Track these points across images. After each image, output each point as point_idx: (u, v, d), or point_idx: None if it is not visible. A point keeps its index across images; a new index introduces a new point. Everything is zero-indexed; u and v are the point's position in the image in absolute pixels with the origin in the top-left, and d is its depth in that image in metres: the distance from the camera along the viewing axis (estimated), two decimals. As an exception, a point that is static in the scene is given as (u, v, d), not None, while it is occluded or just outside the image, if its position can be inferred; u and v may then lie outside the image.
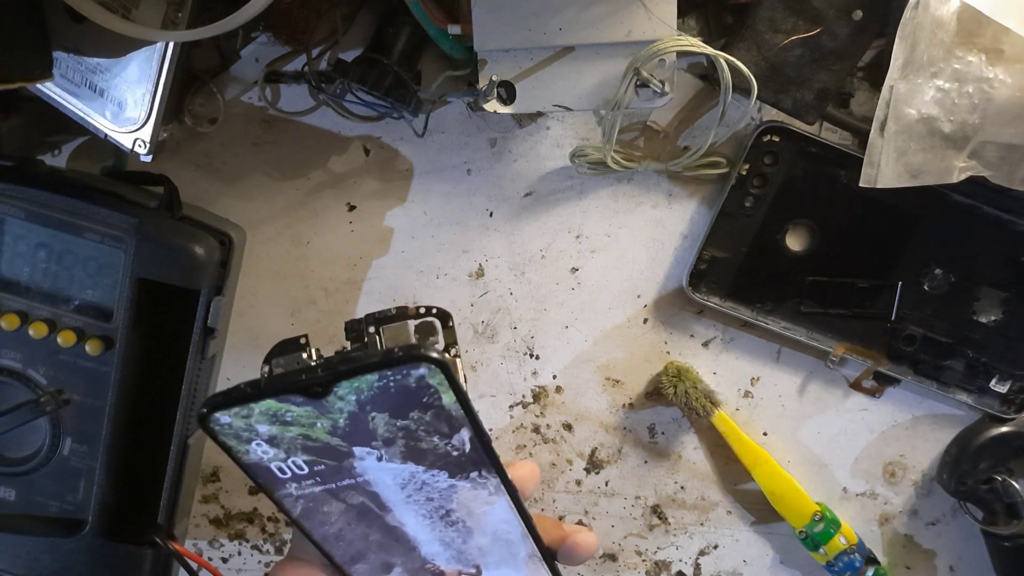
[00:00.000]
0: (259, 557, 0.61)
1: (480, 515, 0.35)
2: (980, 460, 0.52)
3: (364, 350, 0.40)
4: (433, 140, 0.54)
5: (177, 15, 0.45)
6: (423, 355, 0.28)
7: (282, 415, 0.30)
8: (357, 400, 0.29)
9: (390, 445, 0.31)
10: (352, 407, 0.29)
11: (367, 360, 0.28)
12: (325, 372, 0.28)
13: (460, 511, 0.34)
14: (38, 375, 0.49)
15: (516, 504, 0.34)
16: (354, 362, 0.28)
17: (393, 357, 0.28)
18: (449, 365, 0.29)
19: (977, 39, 0.45)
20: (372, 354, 0.28)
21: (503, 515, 0.34)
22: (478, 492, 0.33)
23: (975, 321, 0.52)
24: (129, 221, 0.47)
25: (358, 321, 0.40)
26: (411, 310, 0.40)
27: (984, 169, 0.46)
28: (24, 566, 0.50)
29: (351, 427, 0.30)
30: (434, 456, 0.32)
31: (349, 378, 0.28)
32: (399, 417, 0.30)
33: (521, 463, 0.39)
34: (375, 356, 0.28)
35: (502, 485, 0.33)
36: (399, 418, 0.30)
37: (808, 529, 0.54)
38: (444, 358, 0.28)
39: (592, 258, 0.55)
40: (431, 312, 0.40)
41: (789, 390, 0.56)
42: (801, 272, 0.53)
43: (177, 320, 0.49)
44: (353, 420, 0.30)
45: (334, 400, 0.29)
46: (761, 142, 0.51)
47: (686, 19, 0.50)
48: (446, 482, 0.33)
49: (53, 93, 0.47)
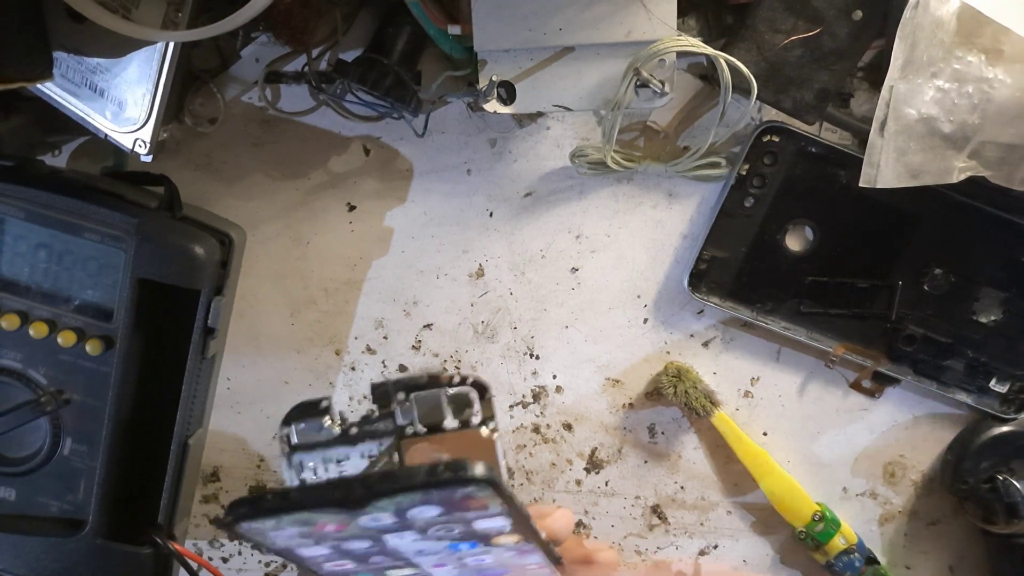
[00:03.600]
0: (259, 557, 0.61)
1: (512, 564, 0.34)
2: (981, 460, 0.52)
3: (401, 468, 0.36)
4: (433, 140, 0.54)
5: (177, 15, 0.45)
6: (472, 477, 0.26)
7: (313, 519, 0.28)
8: (396, 509, 0.28)
9: (427, 531, 0.30)
10: (390, 513, 0.28)
11: (410, 481, 0.26)
12: (363, 490, 0.26)
13: (495, 567, 0.34)
14: (38, 375, 0.49)
15: (550, 557, 0.34)
16: (395, 481, 0.26)
17: (440, 479, 0.26)
18: (501, 483, 0.27)
19: (977, 39, 0.45)
20: (415, 473, 0.26)
21: (535, 565, 0.34)
22: (513, 554, 0.33)
23: (975, 321, 0.52)
24: (129, 221, 0.47)
25: (385, 384, 0.37)
26: (444, 378, 0.37)
27: (984, 169, 0.46)
28: (24, 566, 0.50)
29: (388, 525, 0.29)
30: (475, 536, 0.31)
31: (390, 497, 0.27)
32: (441, 518, 0.29)
33: (557, 514, 0.39)
34: (418, 476, 0.26)
35: (539, 548, 0.33)
36: (441, 519, 0.29)
37: (808, 529, 0.54)
38: (495, 477, 0.27)
39: (592, 258, 0.55)
40: (466, 382, 0.37)
41: (789, 390, 0.56)
42: (801, 272, 0.53)
43: (177, 320, 0.49)
44: (390, 520, 0.29)
45: (371, 508, 0.27)
46: (761, 142, 0.51)
47: (686, 19, 0.50)
48: (483, 548, 0.32)
49: (53, 93, 0.47)
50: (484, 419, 0.37)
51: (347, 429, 0.37)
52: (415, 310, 0.56)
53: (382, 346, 0.57)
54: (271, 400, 0.58)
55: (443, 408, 0.37)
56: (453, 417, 0.37)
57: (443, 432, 0.37)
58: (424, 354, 0.57)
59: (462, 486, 0.26)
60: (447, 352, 0.57)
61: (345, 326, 0.57)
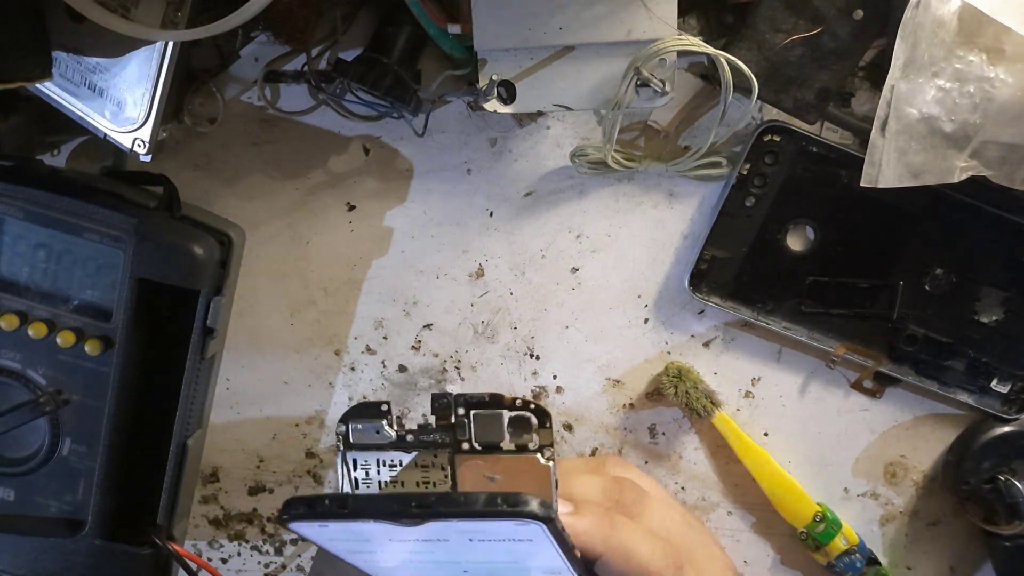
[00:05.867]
0: (259, 558, 0.61)
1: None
2: (983, 460, 0.52)
3: (458, 492, 0.37)
4: (433, 140, 0.54)
5: (176, 15, 0.45)
6: (531, 513, 0.26)
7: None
8: (446, 525, 0.28)
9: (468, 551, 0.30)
10: (441, 527, 0.28)
11: (467, 508, 0.27)
12: (420, 510, 0.27)
13: None
14: (37, 375, 0.49)
15: (572, 562, 0.34)
16: (453, 505, 0.27)
17: (496, 510, 0.26)
18: (556, 522, 0.27)
19: (978, 39, 0.44)
20: (473, 500, 0.27)
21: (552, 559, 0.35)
22: None
23: (976, 321, 0.52)
24: (129, 221, 0.47)
25: (447, 396, 0.37)
26: (507, 400, 0.37)
27: (985, 169, 0.46)
28: (24, 566, 0.50)
29: (437, 533, 0.29)
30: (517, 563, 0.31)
31: (445, 519, 0.27)
32: (491, 540, 0.29)
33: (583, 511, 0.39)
34: (476, 503, 0.27)
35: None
36: (491, 540, 0.29)
37: (809, 530, 0.54)
38: (551, 514, 0.27)
39: (592, 258, 0.55)
40: (528, 407, 0.37)
41: (790, 390, 0.55)
42: (802, 272, 0.53)
43: (177, 320, 0.49)
44: (436, 536, 0.29)
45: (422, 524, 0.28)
46: (762, 142, 0.51)
47: (687, 18, 0.49)
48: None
49: (52, 93, 0.47)
50: (542, 446, 0.37)
51: (403, 435, 0.38)
52: (415, 310, 0.56)
53: (382, 346, 0.57)
54: (271, 400, 0.58)
55: (503, 429, 0.37)
56: (511, 439, 0.37)
57: (499, 452, 0.37)
58: (424, 354, 0.57)
59: (518, 520, 0.27)
60: (447, 352, 0.56)
61: (345, 326, 0.57)
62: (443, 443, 0.38)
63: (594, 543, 0.39)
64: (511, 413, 0.37)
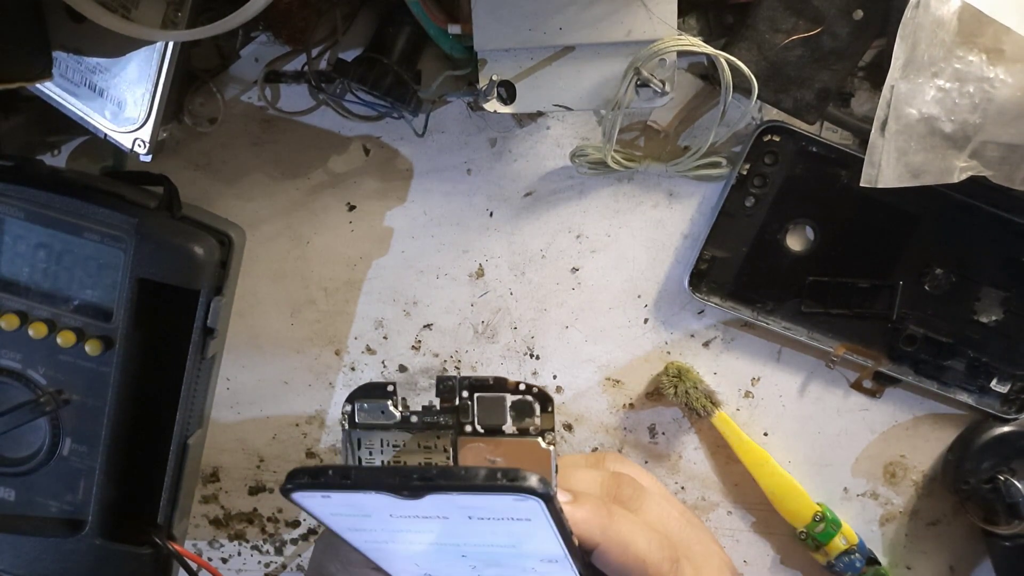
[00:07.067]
0: (259, 558, 0.61)
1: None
2: (982, 460, 0.52)
3: (459, 467, 0.38)
4: (433, 140, 0.54)
5: (177, 15, 0.45)
6: (530, 488, 0.27)
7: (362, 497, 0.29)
8: (447, 501, 0.29)
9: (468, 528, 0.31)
10: (441, 502, 0.29)
11: (468, 481, 0.27)
12: (420, 482, 0.27)
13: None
14: (38, 375, 0.49)
15: (570, 549, 0.34)
16: (453, 478, 0.27)
17: (497, 484, 0.27)
18: (554, 499, 0.28)
19: (978, 39, 0.44)
20: (473, 474, 0.27)
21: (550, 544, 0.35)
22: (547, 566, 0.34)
23: (976, 321, 0.52)
24: (129, 221, 0.47)
25: (451, 379, 0.38)
26: (510, 384, 0.38)
27: (985, 169, 0.46)
28: (24, 566, 0.50)
29: (437, 509, 0.30)
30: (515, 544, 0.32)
31: (445, 492, 0.28)
32: (490, 519, 0.30)
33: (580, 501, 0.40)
34: (477, 477, 0.27)
35: (575, 566, 0.33)
36: (490, 519, 0.30)
37: (809, 529, 0.54)
38: (550, 491, 0.27)
39: (592, 258, 0.55)
40: (531, 391, 0.38)
41: (790, 390, 0.55)
42: (801, 272, 0.53)
43: (177, 320, 0.49)
44: (436, 511, 0.30)
45: (424, 497, 0.28)
46: (762, 142, 0.51)
47: (686, 19, 0.49)
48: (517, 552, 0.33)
49: (53, 93, 0.47)
50: (543, 430, 0.38)
51: (408, 416, 0.38)
52: (415, 310, 0.56)
53: (382, 346, 0.57)
54: (271, 400, 0.58)
55: (505, 412, 0.38)
56: (513, 423, 0.38)
57: (501, 435, 0.38)
58: (424, 354, 0.57)
59: (517, 495, 0.27)
60: (447, 352, 0.56)
61: (345, 326, 0.57)
62: (447, 425, 0.38)
63: (592, 532, 0.39)
64: (514, 397, 0.38)
